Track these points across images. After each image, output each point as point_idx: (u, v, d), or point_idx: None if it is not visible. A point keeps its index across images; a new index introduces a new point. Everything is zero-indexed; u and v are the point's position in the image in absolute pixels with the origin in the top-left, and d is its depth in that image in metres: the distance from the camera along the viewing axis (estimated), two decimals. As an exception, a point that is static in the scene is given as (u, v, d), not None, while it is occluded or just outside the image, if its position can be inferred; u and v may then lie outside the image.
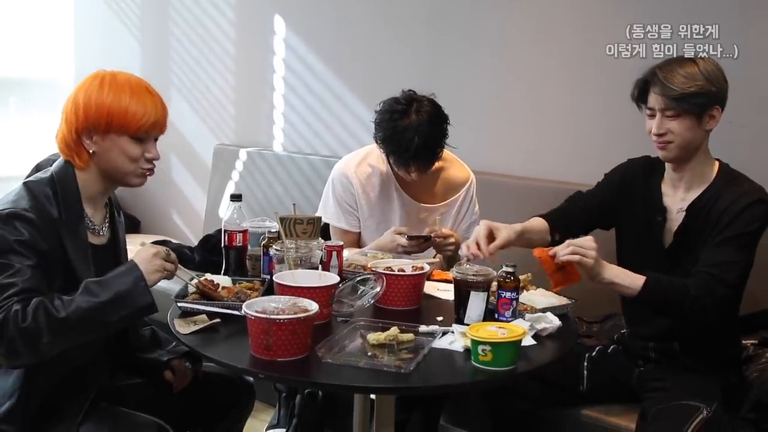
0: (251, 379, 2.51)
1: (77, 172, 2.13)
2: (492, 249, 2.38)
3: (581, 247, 2.19)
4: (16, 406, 2.04)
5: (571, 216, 2.62)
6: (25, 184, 2.08)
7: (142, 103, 2.10)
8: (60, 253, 2.03)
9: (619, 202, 2.56)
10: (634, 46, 3.20)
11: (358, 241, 3.09)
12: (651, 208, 2.48)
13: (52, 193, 2.07)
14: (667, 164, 2.46)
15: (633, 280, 2.23)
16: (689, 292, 2.21)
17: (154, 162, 2.19)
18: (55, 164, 2.15)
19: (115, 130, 2.09)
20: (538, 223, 2.59)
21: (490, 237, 2.41)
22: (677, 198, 2.45)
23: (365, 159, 3.04)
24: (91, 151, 2.11)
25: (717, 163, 2.43)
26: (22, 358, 1.95)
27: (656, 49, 3.11)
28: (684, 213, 2.40)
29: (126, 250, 2.34)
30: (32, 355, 1.94)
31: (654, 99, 2.34)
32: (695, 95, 2.28)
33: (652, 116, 2.36)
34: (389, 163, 2.93)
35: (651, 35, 3.16)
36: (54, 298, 1.93)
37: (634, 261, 2.45)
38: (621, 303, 2.61)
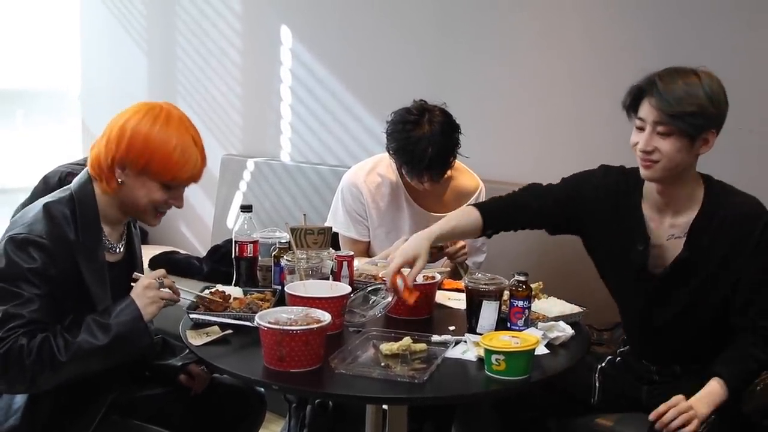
0: (262, 390, 2.51)
1: (99, 194, 2.12)
2: (411, 281, 2.23)
3: (684, 412, 2.11)
4: (21, 421, 2.04)
5: (519, 211, 2.45)
6: (44, 205, 2.06)
7: (185, 155, 2.09)
8: (74, 275, 2.03)
9: (587, 217, 2.40)
10: (639, 51, 3.21)
11: (367, 251, 3.09)
12: (630, 234, 2.33)
13: (71, 213, 2.07)
14: (649, 184, 2.30)
15: (721, 394, 2.15)
16: (759, 357, 2.18)
17: (175, 207, 2.19)
18: (76, 182, 2.14)
19: (149, 173, 2.08)
20: (468, 221, 2.39)
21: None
22: (665, 224, 2.31)
23: (374, 168, 3.05)
24: (120, 181, 2.09)
25: (702, 180, 2.29)
26: (20, 389, 2.01)
27: (662, 54, 3.11)
28: (680, 240, 2.27)
29: (141, 262, 2.35)
30: (32, 388, 1.99)
31: (647, 110, 2.16)
32: (693, 115, 2.11)
33: (641, 129, 2.19)
34: (401, 172, 2.94)
35: (656, 40, 3.16)
36: (57, 335, 1.94)
37: (620, 288, 2.45)
38: (622, 321, 2.59)
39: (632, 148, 2.23)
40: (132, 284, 2.09)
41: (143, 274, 2.08)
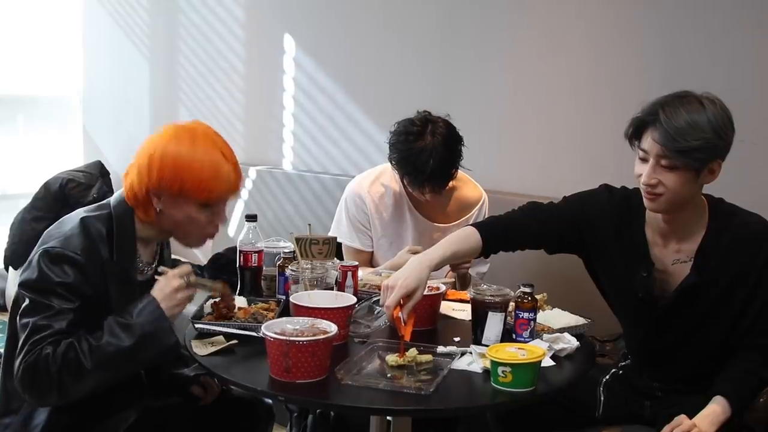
0: (270, 401, 2.50)
1: (137, 217, 2.11)
2: (406, 315, 2.15)
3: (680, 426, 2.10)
4: None
5: (520, 232, 2.39)
6: (82, 219, 2.05)
7: (217, 171, 2.07)
8: (104, 295, 2.02)
9: (590, 239, 2.36)
10: (644, 61, 3.22)
11: (370, 261, 3.09)
12: (633, 259, 2.29)
13: (107, 232, 2.05)
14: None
15: (724, 412, 2.12)
16: (764, 376, 2.18)
17: (220, 226, 2.18)
18: (115, 200, 2.12)
19: (185, 195, 2.06)
20: (468, 244, 2.34)
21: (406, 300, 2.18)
22: (669, 249, 2.26)
23: (378, 178, 3.06)
24: (158, 209, 2.08)
25: (706, 202, 2.24)
26: (51, 400, 1.97)
27: (666, 64, 3.12)
28: (686, 264, 2.23)
29: None
30: (62, 397, 1.96)
31: (650, 144, 2.09)
32: (698, 149, 2.04)
33: (644, 160, 2.12)
34: (403, 183, 2.94)
35: (661, 51, 3.17)
36: (82, 340, 1.92)
37: (624, 312, 2.43)
38: (625, 340, 2.57)
39: (636, 178, 2.17)
40: (156, 277, 2.07)
41: (148, 295, 2.03)
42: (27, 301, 1.97)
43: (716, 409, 2.13)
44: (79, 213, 2.08)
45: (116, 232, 2.06)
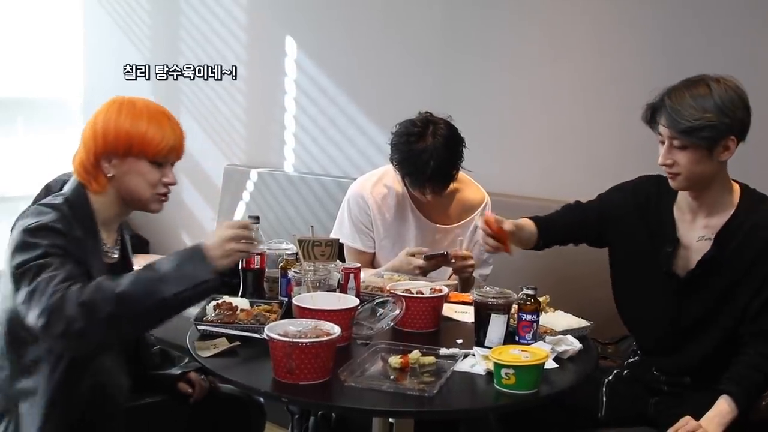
0: (261, 399, 2.51)
1: (93, 197, 2.11)
2: (508, 226, 2.41)
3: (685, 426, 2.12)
4: None
5: (557, 227, 2.58)
6: (42, 204, 2.04)
7: (161, 127, 2.11)
8: (85, 270, 2.00)
9: (614, 223, 2.47)
10: (647, 62, 3.22)
11: (372, 262, 3.09)
12: (659, 236, 2.37)
13: (71, 215, 2.05)
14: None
15: (731, 412, 2.13)
16: (766, 371, 2.19)
17: (170, 187, 2.19)
18: (68, 187, 2.12)
19: (134, 154, 2.09)
20: (529, 225, 2.55)
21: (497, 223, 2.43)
22: (697, 226, 2.33)
23: (381, 180, 3.06)
24: (109, 175, 2.10)
25: (738, 186, 2.32)
26: (75, 326, 1.81)
27: (671, 64, 3.12)
28: (710, 241, 2.28)
29: (132, 267, 2.30)
30: (86, 322, 1.81)
31: (661, 127, 2.23)
32: (702, 128, 2.14)
33: (662, 143, 2.26)
34: (405, 184, 2.94)
35: (665, 50, 3.17)
36: (108, 278, 1.90)
37: (643, 292, 2.43)
38: (635, 332, 2.58)
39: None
40: None
41: (197, 243, 1.98)
42: (26, 278, 1.88)
43: (723, 409, 2.14)
44: (35, 205, 2.07)
45: (77, 213, 2.06)
